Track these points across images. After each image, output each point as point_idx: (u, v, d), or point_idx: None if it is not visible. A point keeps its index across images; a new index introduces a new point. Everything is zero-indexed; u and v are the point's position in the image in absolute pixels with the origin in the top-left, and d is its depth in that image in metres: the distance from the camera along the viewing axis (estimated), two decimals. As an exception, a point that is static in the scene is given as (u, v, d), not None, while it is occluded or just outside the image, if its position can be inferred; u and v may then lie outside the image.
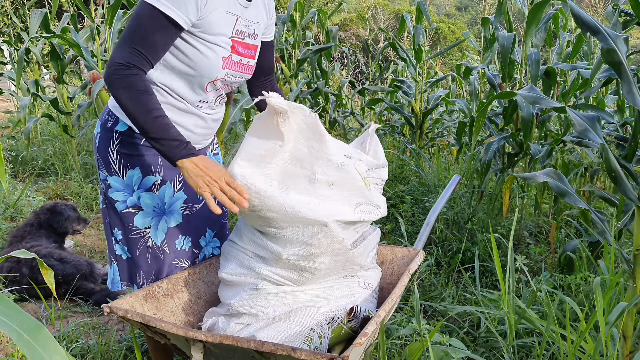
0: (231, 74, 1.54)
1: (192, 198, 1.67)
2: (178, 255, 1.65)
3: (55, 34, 4.30)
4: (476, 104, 4.36)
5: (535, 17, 2.94)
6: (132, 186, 1.56)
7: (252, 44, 1.58)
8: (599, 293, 1.47)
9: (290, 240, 1.38)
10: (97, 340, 2.08)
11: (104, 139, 1.56)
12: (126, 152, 1.55)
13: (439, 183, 3.90)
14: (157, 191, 1.58)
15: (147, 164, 1.56)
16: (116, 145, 1.55)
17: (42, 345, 0.69)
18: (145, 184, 1.57)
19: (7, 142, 5.85)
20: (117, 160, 1.55)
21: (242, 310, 1.44)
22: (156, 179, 1.58)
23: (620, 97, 3.20)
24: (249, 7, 1.53)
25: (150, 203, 1.57)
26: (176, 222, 1.63)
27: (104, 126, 1.57)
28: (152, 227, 1.59)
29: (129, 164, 1.55)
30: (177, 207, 1.63)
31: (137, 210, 1.58)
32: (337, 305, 1.47)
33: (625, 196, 1.74)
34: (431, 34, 5.81)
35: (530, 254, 2.82)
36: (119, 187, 1.57)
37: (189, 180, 1.37)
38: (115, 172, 1.56)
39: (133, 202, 1.57)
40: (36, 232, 2.84)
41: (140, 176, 1.56)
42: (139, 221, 1.58)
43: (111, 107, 1.57)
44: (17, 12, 9.51)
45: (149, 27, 1.35)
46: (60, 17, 10.72)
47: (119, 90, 1.35)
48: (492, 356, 1.92)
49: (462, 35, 6.40)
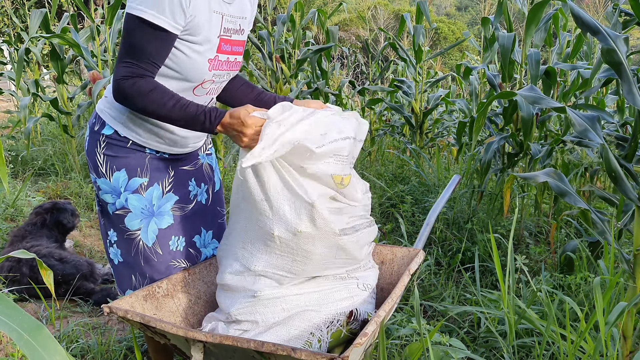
0: (219, 74, 1.54)
1: (183, 199, 1.68)
2: (174, 256, 1.65)
3: (55, 34, 4.30)
4: (476, 104, 4.36)
5: (535, 17, 2.94)
6: (119, 188, 1.57)
7: (239, 39, 1.58)
8: (598, 293, 1.48)
9: (281, 217, 1.37)
10: (97, 340, 2.08)
11: (91, 142, 1.58)
12: (112, 154, 1.56)
13: (439, 183, 3.90)
14: (144, 193, 1.59)
15: (133, 166, 1.57)
16: (103, 148, 1.56)
17: (43, 345, 0.69)
18: (132, 186, 1.57)
19: (7, 142, 5.85)
20: (104, 162, 1.56)
21: (242, 318, 1.44)
22: (142, 180, 1.58)
23: (620, 97, 3.20)
24: (232, 3, 1.52)
25: (138, 205, 1.58)
26: (168, 223, 1.63)
27: (92, 129, 1.59)
28: (141, 229, 1.59)
29: (115, 166, 1.56)
30: (167, 208, 1.63)
31: (126, 213, 1.58)
32: (336, 308, 1.47)
33: (625, 196, 1.74)
34: (431, 34, 5.82)
35: (530, 254, 2.82)
36: (107, 189, 1.58)
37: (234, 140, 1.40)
38: (103, 175, 1.57)
39: (121, 204, 1.57)
40: (37, 232, 2.84)
41: (127, 178, 1.57)
42: (130, 223, 1.58)
43: (98, 110, 1.59)
44: (17, 12, 9.51)
45: (141, 39, 1.37)
46: (60, 17, 10.72)
47: (131, 102, 1.40)
48: (492, 356, 1.92)
49: (462, 35, 6.40)
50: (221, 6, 1.48)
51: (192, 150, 1.71)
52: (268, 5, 4.98)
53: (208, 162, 1.81)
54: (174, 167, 1.66)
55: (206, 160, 1.80)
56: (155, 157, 1.60)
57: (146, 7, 1.33)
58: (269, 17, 5.01)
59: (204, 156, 1.79)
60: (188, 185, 1.71)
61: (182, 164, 1.69)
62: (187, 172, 1.71)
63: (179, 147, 1.63)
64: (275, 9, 7.21)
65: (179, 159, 1.68)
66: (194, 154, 1.73)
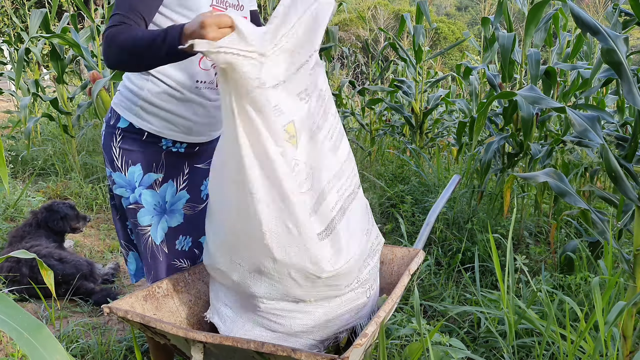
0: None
1: (194, 198, 1.67)
2: (178, 256, 1.65)
3: (55, 34, 4.29)
4: (476, 104, 4.36)
5: (535, 17, 2.94)
6: (134, 183, 1.57)
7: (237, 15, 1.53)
8: (598, 293, 1.48)
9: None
10: (97, 340, 2.08)
11: (107, 135, 1.58)
12: (128, 148, 1.56)
13: (439, 183, 3.90)
14: (158, 189, 1.59)
15: (149, 161, 1.57)
16: (119, 141, 1.56)
17: (43, 344, 0.69)
18: (146, 181, 1.57)
19: (7, 142, 5.84)
20: (120, 156, 1.56)
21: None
22: (157, 176, 1.58)
23: (620, 97, 3.19)
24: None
25: (151, 201, 1.58)
26: (177, 222, 1.63)
27: (108, 123, 1.59)
28: (152, 225, 1.59)
29: (131, 161, 1.56)
30: (179, 206, 1.63)
31: (139, 208, 1.58)
32: (340, 323, 1.47)
33: (625, 196, 1.74)
34: (431, 34, 5.82)
35: (530, 254, 2.82)
36: (122, 183, 1.58)
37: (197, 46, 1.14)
38: (118, 169, 1.57)
39: (135, 198, 1.57)
40: (36, 232, 2.84)
41: (142, 173, 1.57)
42: (141, 218, 1.59)
43: (113, 105, 1.58)
44: (17, 12, 9.51)
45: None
46: (60, 17, 10.71)
47: (111, 50, 1.31)
48: (492, 356, 1.92)
49: (462, 35, 6.40)
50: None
51: (207, 139, 1.66)
52: (268, 5, 4.98)
53: None
54: (189, 165, 1.66)
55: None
56: (171, 152, 1.59)
57: None
58: (269, 17, 5.00)
59: None
60: (201, 184, 1.70)
61: (197, 162, 1.68)
62: (202, 171, 1.70)
63: (194, 136, 1.60)
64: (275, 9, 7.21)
65: (195, 155, 1.66)
66: (209, 153, 1.69)
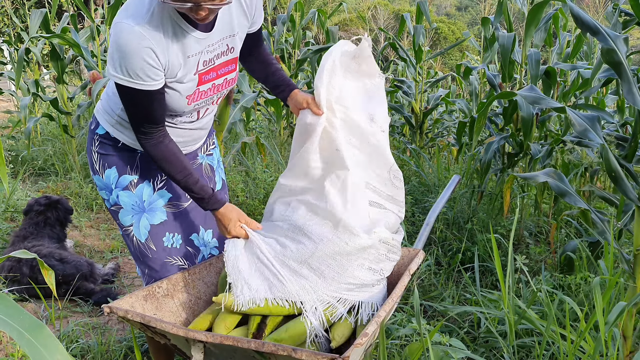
0: (202, 103, 1.54)
1: (177, 196, 1.69)
2: (170, 253, 1.67)
3: (55, 34, 4.29)
4: (476, 104, 4.36)
5: (535, 17, 2.94)
6: (111, 185, 1.62)
7: (227, 60, 1.54)
8: (598, 293, 1.48)
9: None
10: (97, 340, 2.08)
11: (89, 140, 1.65)
12: (104, 152, 1.61)
13: (439, 183, 3.90)
14: (134, 190, 1.62)
15: (123, 164, 1.62)
16: (97, 146, 1.62)
17: (43, 344, 0.69)
18: (122, 183, 1.62)
19: (7, 142, 5.84)
20: (98, 160, 1.62)
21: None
22: (132, 178, 1.62)
23: (620, 97, 3.19)
24: (212, 31, 1.45)
25: (129, 201, 1.62)
26: (160, 219, 1.65)
27: (89, 128, 1.65)
28: (133, 224, 1.63)
29: (107, 164, 1.61)
30: (159, 205, 1.66)
31: (119, 209, 1.63)
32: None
33: (625, 196, 1.74)
34: (431, 34, 5.82)
35: (530, 254, 2.82)
36: (101, 185, 1.64)
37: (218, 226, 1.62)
38: (97, 172, 1.63)
39: (114, 200, 1.63)
40: (39, 232, 2.85)
41: (117, 175, 1.62)
42: (123, 219, 1.64)
43: (95, 111, 1.64)
44: (17, 12, 9.52)
45: (142, 102, 1.40)
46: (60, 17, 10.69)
47: (154, 156, 1.50)
48: (492, 356, 1.92)
49: (462, 35, 6.40)
50: (194, 48, 1.42)
51: (191, 150, 1.71)
52: (268, 5, 4.99)
53: (208, 162, 1.81)
54: None
55: (206, 160, 1.80)
56: (146, 155, 1.61)
57: (122, 75, 1.34)
58: (269, 17, 5.01)
59: (204, 156, 1.79)
60: None
61: None
62: None
63: None
64: (275, 9, 7.21)
65: None
66: (192, 154, 1.74)
